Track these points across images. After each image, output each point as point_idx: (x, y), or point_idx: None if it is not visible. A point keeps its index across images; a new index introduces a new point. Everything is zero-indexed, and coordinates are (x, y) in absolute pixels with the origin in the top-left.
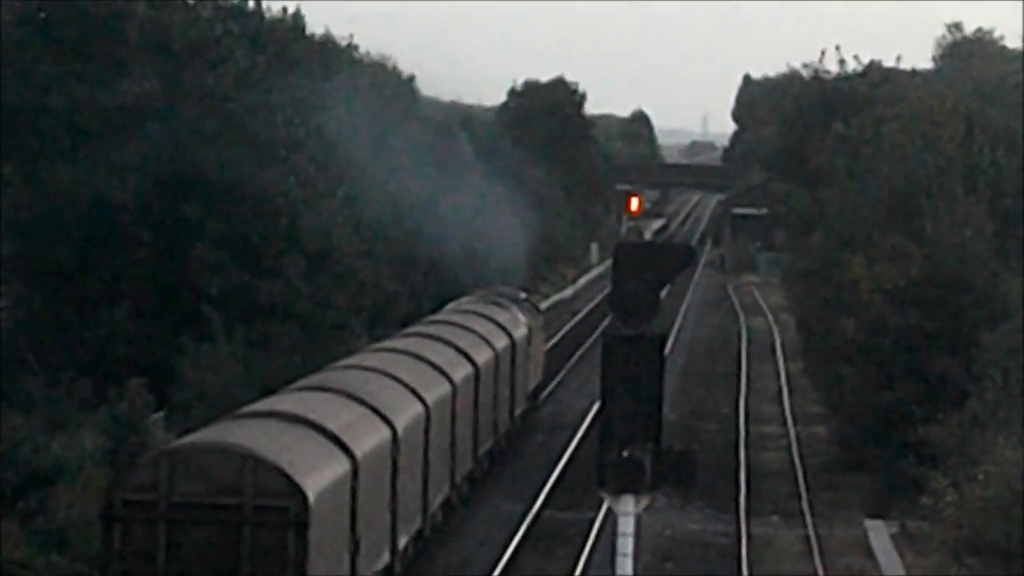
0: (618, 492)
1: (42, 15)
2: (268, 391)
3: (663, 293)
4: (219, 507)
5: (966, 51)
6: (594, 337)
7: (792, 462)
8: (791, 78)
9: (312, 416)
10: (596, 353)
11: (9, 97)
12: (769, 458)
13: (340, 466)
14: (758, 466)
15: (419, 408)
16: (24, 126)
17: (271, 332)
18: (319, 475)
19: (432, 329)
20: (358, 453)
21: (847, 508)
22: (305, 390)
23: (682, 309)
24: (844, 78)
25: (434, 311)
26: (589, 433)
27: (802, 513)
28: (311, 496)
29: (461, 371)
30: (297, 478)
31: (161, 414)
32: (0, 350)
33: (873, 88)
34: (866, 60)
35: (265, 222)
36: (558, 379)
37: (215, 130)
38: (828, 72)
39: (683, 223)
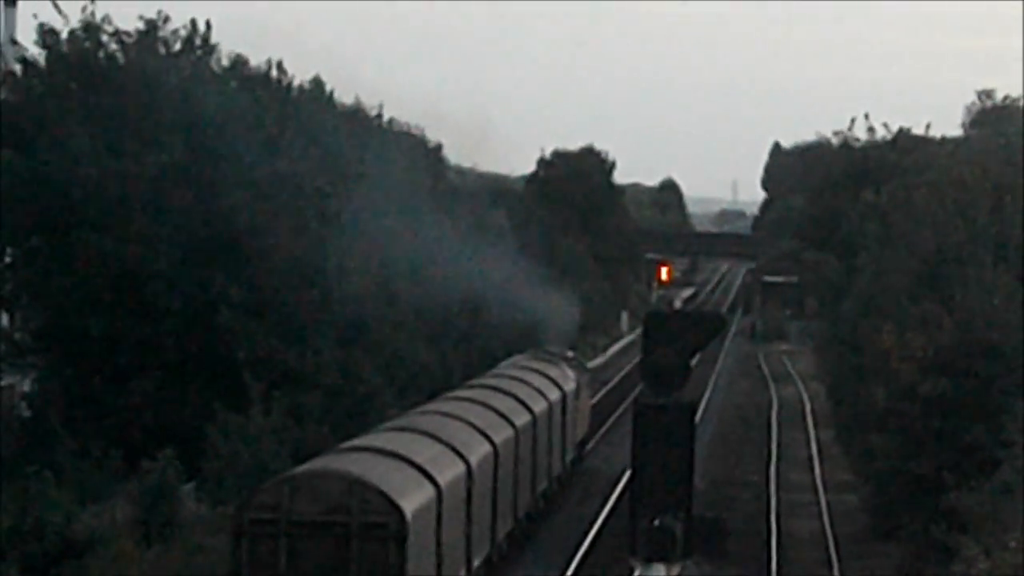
0: (649, 560)
1: (73, 86)
2: (299, 461)
3: (693, 361)
4: (331, 524)
5: (996, 118)
6: (624, 406)
7: (823, 530)
8: (820, 146)
9: (402, 451)
10: (625, 423)
11: (40, 168)
12: (800, 526)
13: (427, 492)
14: (789, 534)
15: (488, 448)
16: (54, 197)
17: (301, 402)
18: (413, 498)
19: (494, 382)
20: (441, 482)
21: None
22: (392, 430)
23: (712, 377)
24: (873, 146)
25: (467, 379)
26: (618, 504)
27: None
28: (408, 514)
29: (521, 418)
30: (396, 499)
31: (192, 484)
32: (31, 420)
33: (902, 156)
34: (895, 127)
35: (296, 292)
36: (587, 447)
37: (244, 199)
38: (857, 140)
39: (713, 291)
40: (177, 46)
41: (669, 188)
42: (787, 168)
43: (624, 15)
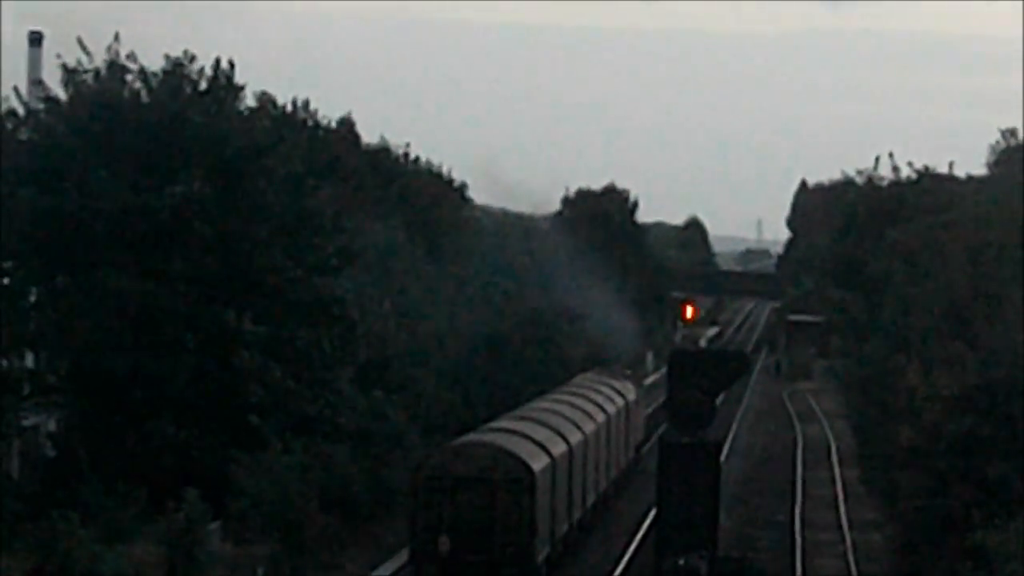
0: None
1: (96, 126)
2: (328, 502)
3: (718, 400)
4: (482, 480)
5: (1021, 156)
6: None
7: (848, 569)
8: (845, 185)
9: (525, 431)
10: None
11: (64, 206)
12: (825, 565)
13: (546, 460)
14: (814, 574)
15: (580, 435)
16: (77, 236)
17: (323, 445)
18: (538, 462)
19: (575, 389)
20: (555, 454)
21: None
22: (513, 419)
23: (737, 416)
24: (898, 185)
25: (490, 418)
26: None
27: None
28: (537, 473)
29: (600, 416)
30: (528, 462)
31: (217, 524)
32: (56, 460)
33: (925, 195)
34: (919, 165)
35: (317, 330)
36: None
37: (266, 236)
38: (882, 179)
39: (738, 330)
40: (202, 85)
41: (694, 227)
42: (812, 207)
43: (649, 54)
